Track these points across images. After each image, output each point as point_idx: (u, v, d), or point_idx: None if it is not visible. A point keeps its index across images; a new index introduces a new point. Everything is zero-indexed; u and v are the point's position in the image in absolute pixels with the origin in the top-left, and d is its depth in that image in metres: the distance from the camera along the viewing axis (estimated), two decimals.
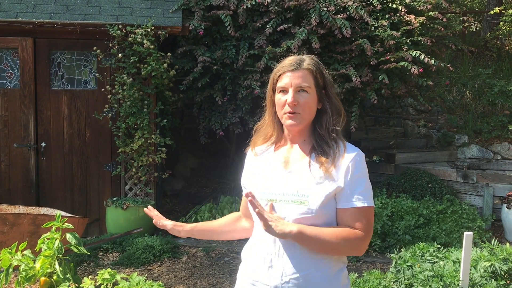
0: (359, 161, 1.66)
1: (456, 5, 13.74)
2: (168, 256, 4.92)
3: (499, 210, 6.19)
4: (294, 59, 1.70)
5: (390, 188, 6.38)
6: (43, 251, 2.44)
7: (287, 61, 1.71)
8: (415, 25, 5.67)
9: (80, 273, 4.51)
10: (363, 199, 1.63)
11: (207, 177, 7.73)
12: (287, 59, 1.72)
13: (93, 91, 5.66)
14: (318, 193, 1.62)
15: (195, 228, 1.93)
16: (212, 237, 2.00)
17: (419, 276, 3.02)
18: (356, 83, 5.37)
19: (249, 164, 1.86)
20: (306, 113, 1.67)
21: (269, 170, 1.74)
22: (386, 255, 5.09)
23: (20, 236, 4.24)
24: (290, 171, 1.69)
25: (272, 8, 5.61)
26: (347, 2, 5.56)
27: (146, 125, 5.44)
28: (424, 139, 7.81)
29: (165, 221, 1.91)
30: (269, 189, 1.69)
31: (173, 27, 5.54)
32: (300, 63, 1.68)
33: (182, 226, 1.91)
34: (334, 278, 1.66)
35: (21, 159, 5.54)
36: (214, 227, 1.98)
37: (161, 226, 1.91)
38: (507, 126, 7.17)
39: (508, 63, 9.25)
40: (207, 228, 1.97)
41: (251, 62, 5.71)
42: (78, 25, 5.35)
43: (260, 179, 1.74)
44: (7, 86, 5.54)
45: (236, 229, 1.97)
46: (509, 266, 3.08)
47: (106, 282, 2.69)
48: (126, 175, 5.69)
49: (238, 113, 5.84)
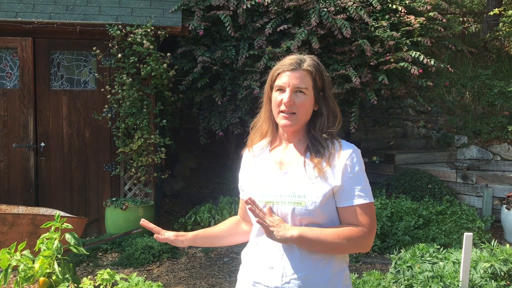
0: (356, 158, 1.66)
1: (456, 6, 13.75)
2: (168, 256, 4.91)
3: (499, 211, 6.19)
4: (295, 58, 1.69)
5: (390, 189, 6.38)
6: (42, 251, 2.43)
7: (288, 60, 1.70)
8: (415, 25, 5.68)
9: (79, 273, 4.50)
10: (364, 195, 1.63)
11: (207, 178, 7.73)
12: (288, 58, 1.71)
13: (93, 91, 5.65)
14: (314, 193, 1.61)
15: (197, 236, 1.89)
16: (214, 243, 1.97)
17: (418, 277, 3.02)
18: (356, 83, 5.36)
19: (246, 166, 1.85)
20: (301, 114, 1.66)
21: (266, 171, 1.73)
22: (385, 256, 5.08)
23: (19, 236, 4.24)
24: (285, 172, 1.68)
25: (272, 8, 5.61)
26: (347, 3, 5.56)
27: (145, 125, 5.44)
28: (423, 140, 7.81)
29: (166, 233, 1.86)
30: (266, 191, 1.68)
31: (173, 27, 5.54)
32: (300, 63, 1.67)
33: (184, 235, 1.88)
34: (335, 278, 1.65)
35: (20, 159, 5.54)
36: (216, 233, 1.95)
37: (163, 239, 1.85)
38: (506, 127, 7.17)
39: (507, 64, 9.25)
40: (209, 235, 1.93)
41: (250, 62, 5.71)
42: (77, 25, 5.35)
43: (257, 182, 1.73)
44: (6, 86, 5.54)
45: (237, 233, 1.95)
46: (509, 267, 3.08)
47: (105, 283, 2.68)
48: (125, 176, 5.68)
49: (238, 114, 5.83)
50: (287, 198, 1.63)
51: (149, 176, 5.61)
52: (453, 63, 8.84)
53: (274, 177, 1.70)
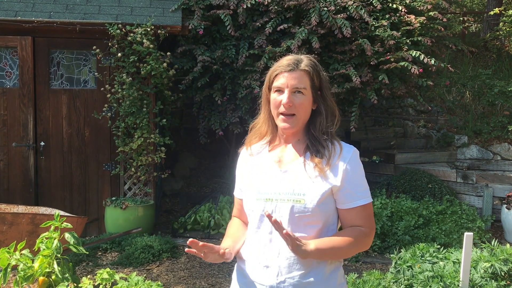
0: (357, 159, 1.69)
1: (456, 5, 13.75)
2: (167, 256, 4.91)
3: (499, 211, 6.18)
4: (292, 59, 1.69)
5: (390, 189, 6.38)
6: (42, 251, 2.43)
7: (285, 60, 1.69)
8: (415, 25, 5.67)
9: (78, 272, 4.50)
10: (365, 196, 1.67)
11: (207, 177, 7.72)
12: (285, 59, 1.71)
13: (93, 91, 5.65)
14: (314, 192, 1.62)
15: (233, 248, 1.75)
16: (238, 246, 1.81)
17: (419, 277, 3.01)
18: (356, 83, 5.36)
19: (243, 164, 1.84)
20: (301, 114, 1.67)
21: (264, 170, 1.73)
22: (385, 256, 5.08)
23: (18, 235, 4.23)
24: (285, 171, 1.69)
25: (272, 7, 5.61)
26: (347, 2, 5.56)
27: (145, 124, 5.43)
28: (423, 140, 7.81)
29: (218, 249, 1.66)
30: (265, 189, 1.69)
31: (173, 26, 5.53)
32: (298, 63, 1.67)
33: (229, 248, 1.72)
34: (330, 277, 1.66)
35: (20, 158, 5.53)
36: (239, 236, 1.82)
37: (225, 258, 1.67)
38: (506, 126, 7.16)
39: (508, 64, 9.25)
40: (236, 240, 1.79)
41: (250, 61, 5.71)
42: (77, 24, 5.34)
43: (256, 179, 1.73)
44: (6, 85, 5.53)
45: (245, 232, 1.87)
46: (509, 267, 3.07)
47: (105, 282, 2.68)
48: (125, 175, 5.68)
49: (238, 113, 5.83)
50: (286, 196, 1.64)
51: (149, 175, 5.61)
52: (453, 63, 8.84)
53: (273, 175, 1.70)
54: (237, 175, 1.87)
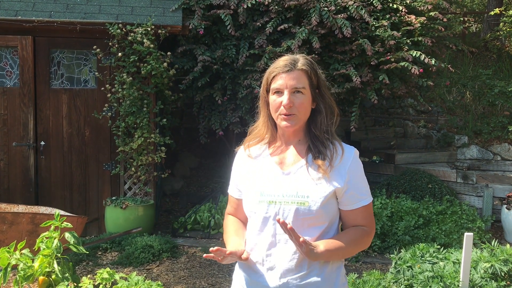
0: (357, 161, 1.70)
1: (457, 5, 13.75)
2: (167, 255, 4.91)
3: (499, 211, 6.18)
4: (288, 59, 1.68)
5: (390, 189, 6.37)
6: (42, 250, 2.43)
7: (281, 61, 1.69)
8: (415, 25, 5.67)
9: (78, 272, 4.50)
10: (366, 196, 1.69)
11: (207, 177, 7.72)
12: (281, 60, 1.70)
13: (93, 90, 5.65)
14: (318, 194, 1.62)
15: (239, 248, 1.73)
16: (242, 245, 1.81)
17: (419, 277, 3.01)
18: (356, 83, 5.36)
19: (240, 164, 1.83)
20: (301, 114, 1.67)
21: (266, 171, 1.72)
22: (385, 256, 5.08)
23: (18, 235, 4.23)
24: (288, 173, 1.68)
25: (272, 7, 5.61)
26: (348, 2, 5.56)
27: (145, 124, 5.43)
28: (424, 140, 7.81)
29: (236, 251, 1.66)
30: (267, 191, 1.68)
31: (173, 26, 5.53)
32: (295, 63, 1.67)
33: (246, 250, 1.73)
34: (332, 277, 1.67)
35: (20, 158, 5.53)
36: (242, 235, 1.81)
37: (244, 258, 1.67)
38: (507, 127, 7.16)
39: (508, 64, 9.25)
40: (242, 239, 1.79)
41: (251, 61, 5.71)
42: (78, 24, 5.34)
43: (257, 181, 1.72)
44: (6, 84, 5.53)
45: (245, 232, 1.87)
46: (509, 267, 3.07)
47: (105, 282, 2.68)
48: (125, 175, 5.68)
49: (238, 113, 5.83)
50: (290, 198, 1.63)
51: (149, 175, 5.61)
52: (453, 63, 8.84)
53: (275, 177, 1.69)
54: (234, 174, 1.86)
